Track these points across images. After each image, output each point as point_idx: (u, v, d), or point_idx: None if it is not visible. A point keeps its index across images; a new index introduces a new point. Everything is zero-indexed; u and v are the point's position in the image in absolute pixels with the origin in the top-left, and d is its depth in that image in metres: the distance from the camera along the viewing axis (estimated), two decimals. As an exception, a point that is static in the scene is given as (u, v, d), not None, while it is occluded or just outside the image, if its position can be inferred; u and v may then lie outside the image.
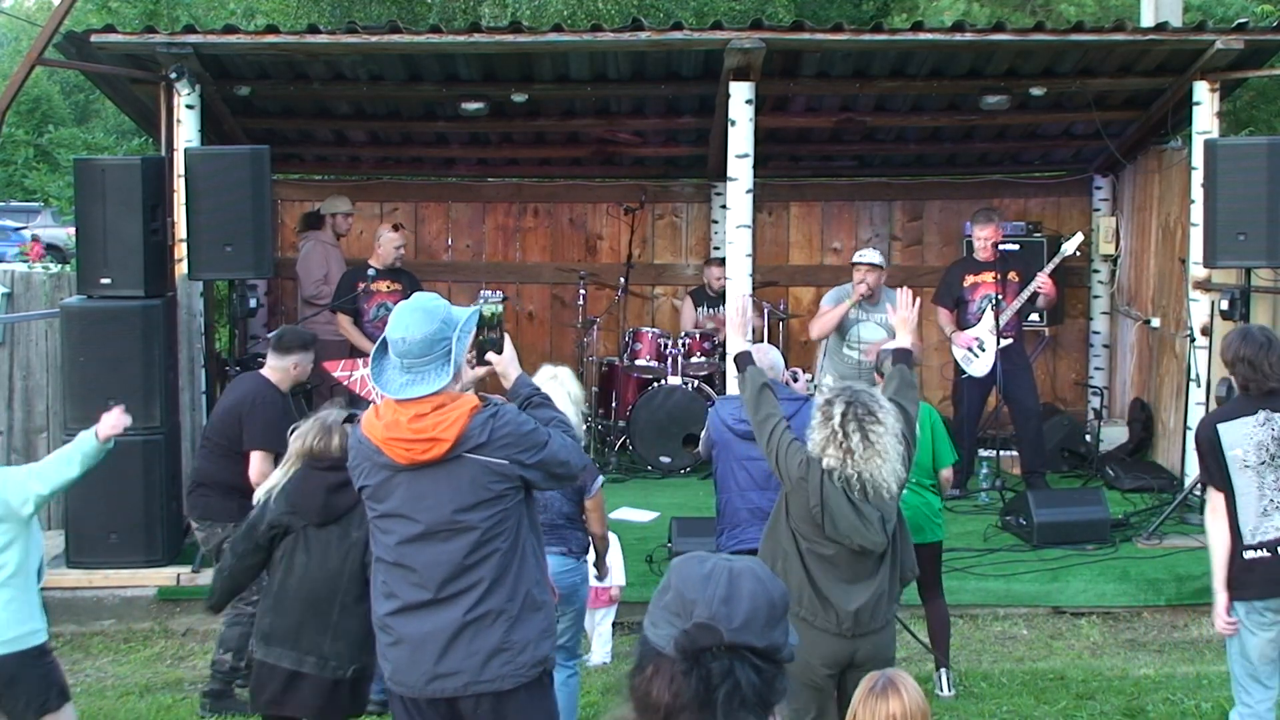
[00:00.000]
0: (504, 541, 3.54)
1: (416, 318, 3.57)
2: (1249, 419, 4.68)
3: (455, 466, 3.51)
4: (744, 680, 1.88)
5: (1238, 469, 4.67)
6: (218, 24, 12.73)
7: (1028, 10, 15.00)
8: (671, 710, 1.88)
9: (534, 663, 3.57)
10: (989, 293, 8.47)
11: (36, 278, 9.17)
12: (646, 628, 1.98)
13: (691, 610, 1.93)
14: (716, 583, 1.95)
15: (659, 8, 14.22)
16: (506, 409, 3.60)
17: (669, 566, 2.06)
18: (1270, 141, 7.47)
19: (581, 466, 3.71)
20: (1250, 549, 4.67)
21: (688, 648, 1.90)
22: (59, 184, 17.03)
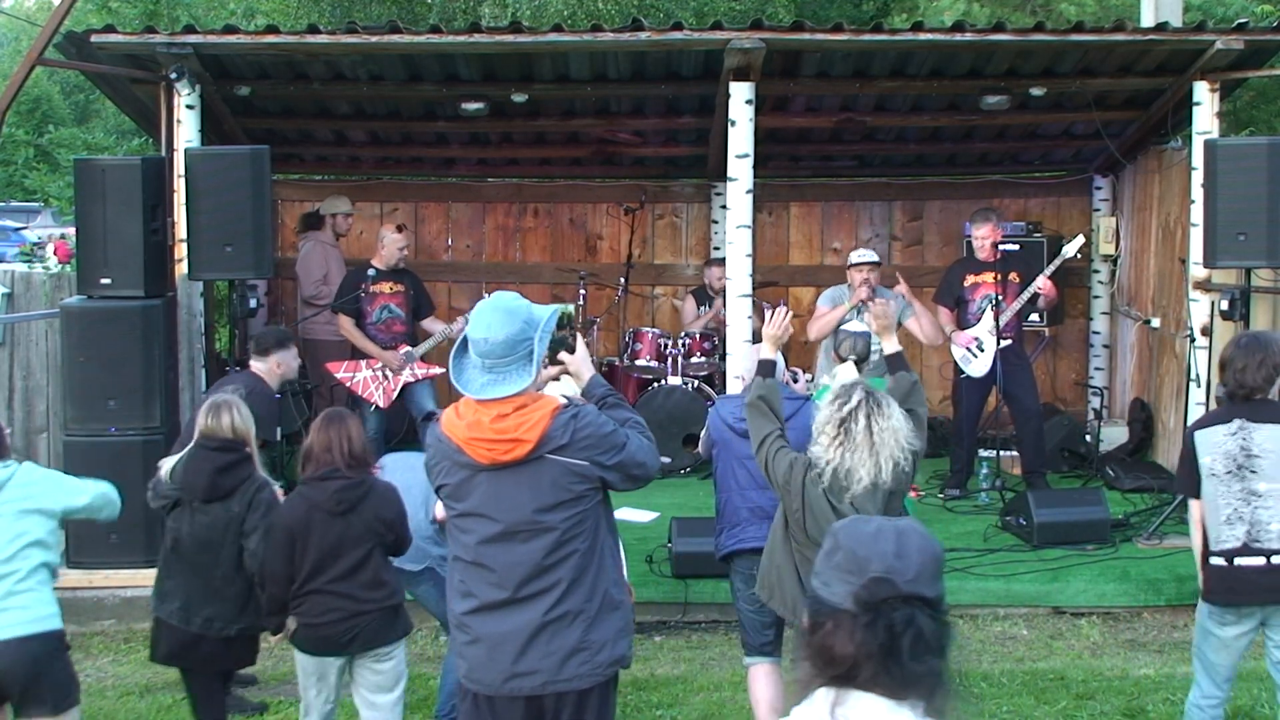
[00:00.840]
0: (583, 542, 3.56)
1: (499, 318, 3.56)
2: (1222, 427, 4.78)
3: (537, 467, 3.52)
4: (925, 627, 1.98)
5: (1206, 476, 4.78)
6: (218, 24, 12.74)
7: (1028, 10, 15.00)
8: (856, 660, 1.97)
9: (610, 662, 3.61)
10: (989, 293, 8.48)
11: (36, 278, 9.17)
12: (817, 588, 2.08)
13: (866, 566, 2.02)
14: (886, 539, 2.06)
15: (659, 8, 14.22)
16: (587, 410, 3.62)
17: (830, 530, 2.15)
18: (1270, 141, 7.47)
19: (657, 468, 3.71)
20: (1214, 555, 4.80)
21: (868, 600, 1.99)
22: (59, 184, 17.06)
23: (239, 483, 4.88)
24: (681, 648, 6.74)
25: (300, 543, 4.70)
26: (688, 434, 9.20)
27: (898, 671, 1.96)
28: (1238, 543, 4.73)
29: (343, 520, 4.70)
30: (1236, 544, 4.73)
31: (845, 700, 1.98)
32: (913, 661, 1.96)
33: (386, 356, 8.62)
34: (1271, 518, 4.71)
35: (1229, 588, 4.78)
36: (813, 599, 2.09)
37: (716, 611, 6.97)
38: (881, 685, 1.97)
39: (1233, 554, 4.73)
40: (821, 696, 2.00)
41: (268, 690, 6.29)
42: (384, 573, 4.82)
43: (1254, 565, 4.71)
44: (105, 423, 6.99)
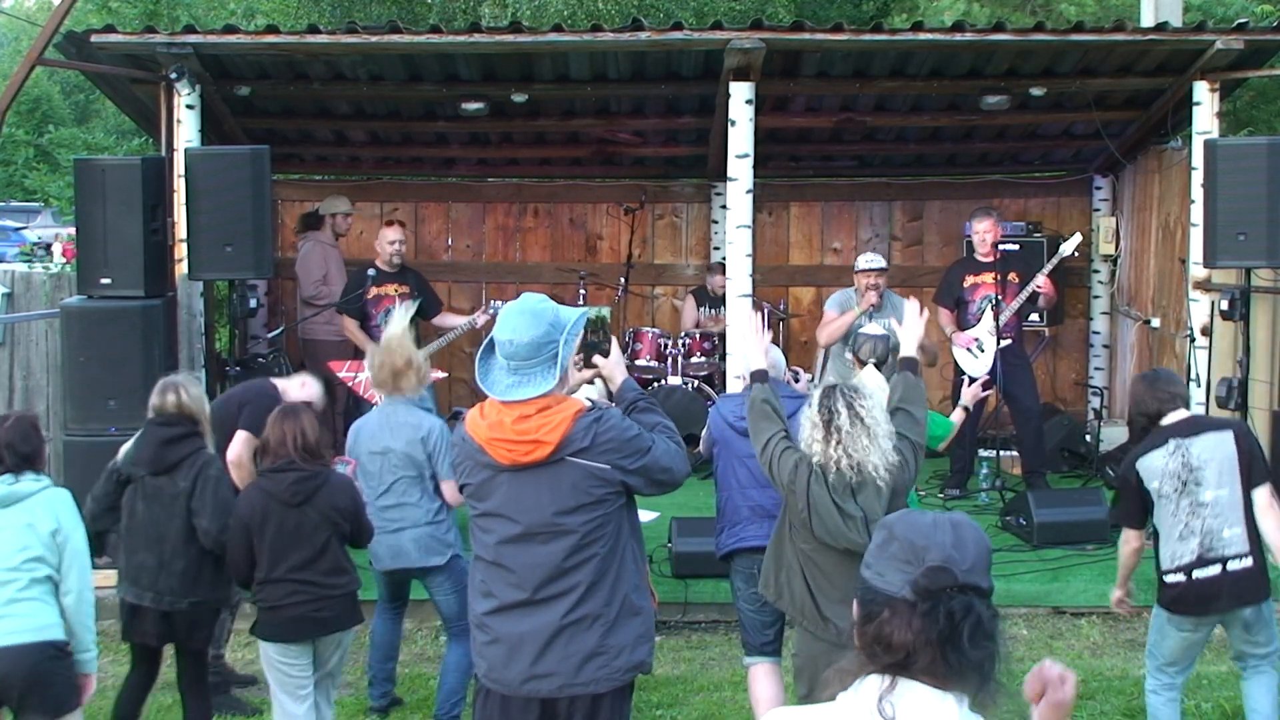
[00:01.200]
0: (603, 546, 3.56)
1: (525, 320, 3.58)
2: (1159, 451, 4.91)
3: (557, 469, 3.53)
4: (983, 614, 2.04)
5: (1158, 499, 4.90)
6: (218, 24, 12.74)
7: (1028, 10, 15.00)
8: (913, 648, 2.00)
9: (629, 667, 3.60)
10: (989, 293, 8.48)
11: (36, 278, 9.18)
12: (870, 578, 2.10)
13: (923, 556, 2.07)
14: (943, 530, 2.11)
15: (659, 8, 14.22)
16: (611, 414, 3.61)
17: (882, 523, 2.19)
18: (1270, 141, 7.47)
19: (686, 473, 3.69)
20: (1170, 573, 4.90)
21: (928, 589, 2.04)
22: (59, 184, 17.06)
23: (184, 456, 5.00)
24: (681, 648, 6.74)
25: (258, 533, 4.86)
26: (688, 434, 9.18)
27: (955, 658, 2.00)
28: (1193, 556, 4.84)
29: (298, 511, 4.85)
30: (1192, 558, 4.84)
31: (895, 689, 2.01)
32: (972, 648, 2.01)
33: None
34: (1221, 524, 4.83)
35: (1189, 602, 4.90)
36: (865, 589, 2.11)
37: (716, 611, 6.97)
38: (934, 673, 2.01)
39: (1189, 568, 4.85)
40: (870, 684, 2.04)
41: (266, 690, 6.27)
42: (342, 561, 4.98)
43: (1210, 575, 4.83)
44: (105, 423, 6.99)
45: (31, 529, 4.41)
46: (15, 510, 4.42)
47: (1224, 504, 4.83)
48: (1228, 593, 4.84)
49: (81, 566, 4.49)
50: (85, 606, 4.52)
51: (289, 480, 4.85)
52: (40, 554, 4.41)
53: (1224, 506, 4.83)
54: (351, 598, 5.02)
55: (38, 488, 4.47)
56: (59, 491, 4.54)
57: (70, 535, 4.46)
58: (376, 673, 5.94)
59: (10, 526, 4.40)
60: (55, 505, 4.47)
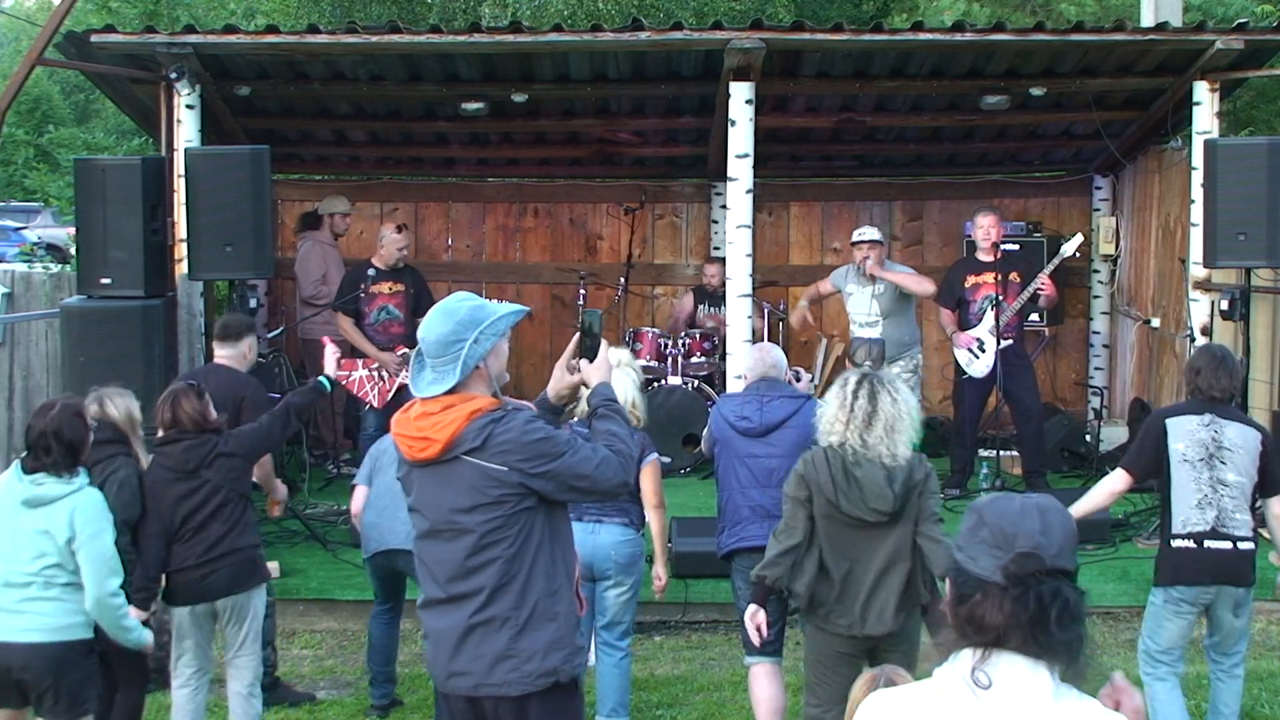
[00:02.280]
0: (506, 548, 3.51)
1: (435, 318, 3.61)
2: (1195, 418, 5.09)
3: (455, 468, 3.52)
4: (1070, 598, 2.14)
5: (1178, 462, 5.05)
6: (218, 24, 12.75)
7: (1028, 10, 15.01)
8: (1004, 630, 2.12)
9: (541, 673, 3.53)
10: (990, 293, 8.48)
11: (36, 278, 9.18)
12: (963, 562, 2.21)
13: (1013, 542, 2.16)
14: (1031, 517, 2.19)
15: (659, 8, 14.22)
16: (517, 416, 3.55)
17: (972, 507, 2.29)
18: (1270, 141, 7.47)
19: (616, 482, 3.61)
20: (1179, 538, 5.04)
21: (1017, 574, 2.13)
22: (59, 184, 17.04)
23: (99, 460, 5.07)
24: (681, 648, 6.74)
25: (160, 504, 5.10)
26: (688, 434, 9.20)
27: (1045, 639, 2.11)
28: (1207, 526, 5.00)
29: (193, 477, 5.10)
30: (1206, 527, 5.00)
31: (989, 659, 2.13)
32: (1060, 630, 2.11)
33: (384, 358, 8.63)
34: (1236, 507, 5.02)
35: (1194, 569, 5.01)
36: (958, 571, 2.22)
37: (716, 611, 6.96)
38: (1026, 650, 2.12)
39: (1202, 537, 4.99)
40: (965, 656, 2.15)
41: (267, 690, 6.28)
42: (240, 524, 5.19)
43: (1222, 549, 5.00)
44: (105, 423, 6.98)
45: (49, 537, 4.42)
46: (38, 514, 4.43)
47: (1242, 490, 5.03)
48: (1233, 568, 5.01)
49: (97, 573, 4.45)
50: (108, 610, 4.50)
51: (179, 449, 5.12)
52: (58, 561, 4.43)
53: (1241, 493, 5.03)
54: (250, 561, 5.22)
55: (64, 491, 4.45)
56: (84, 496, 4.51)
57: (86, 544, 4.44)
58: (376, 674, 5.94)
59: (30, 531, 4.42)
60: (75, 513, 4.45)
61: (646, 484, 5.50)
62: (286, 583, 7.15)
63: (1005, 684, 2.11)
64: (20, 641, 4.39)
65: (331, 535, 7.82)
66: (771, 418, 5.41)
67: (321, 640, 6.93)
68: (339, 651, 6.80)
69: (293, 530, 7.89)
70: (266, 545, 7.60)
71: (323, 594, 7.10)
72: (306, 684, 6.37)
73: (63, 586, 4.44)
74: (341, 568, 7.30)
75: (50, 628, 4.42)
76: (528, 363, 11.04)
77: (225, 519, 5.13)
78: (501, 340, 3.65)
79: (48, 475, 4.46)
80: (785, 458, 5.11)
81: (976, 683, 2.11)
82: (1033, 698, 2.10)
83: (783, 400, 5.46)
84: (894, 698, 2.23)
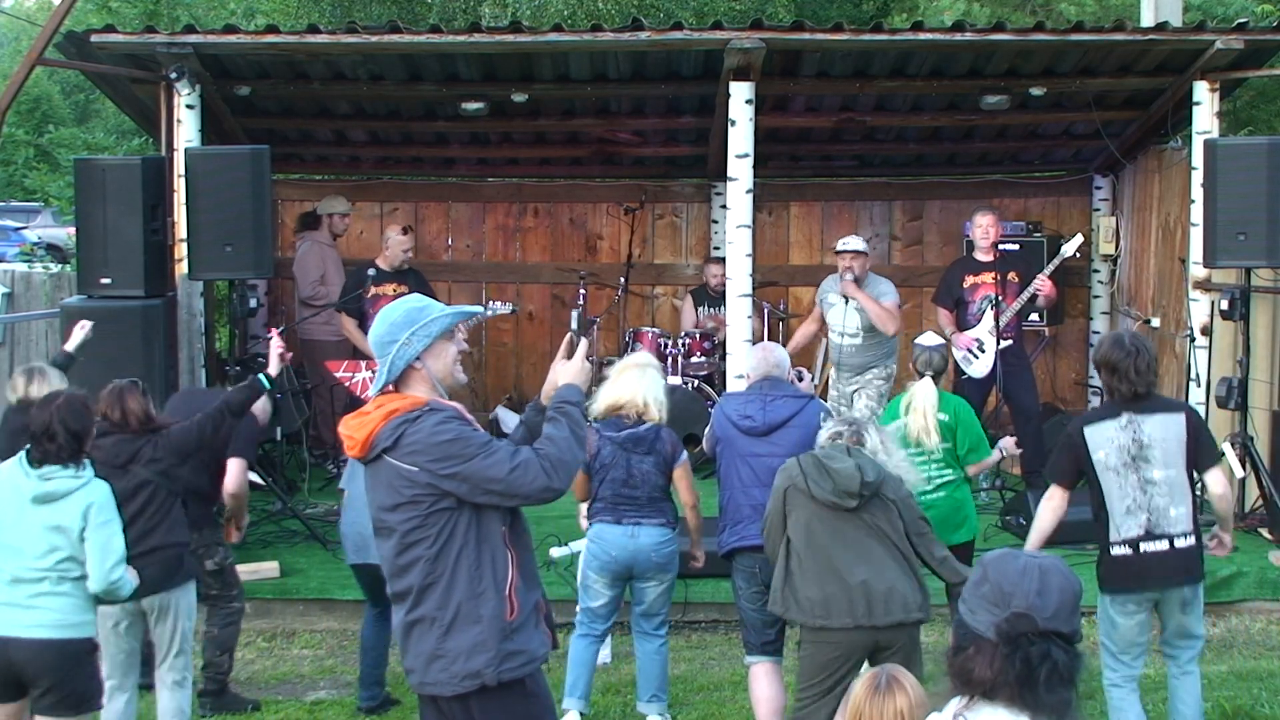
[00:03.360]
0: (428, 548, 3.50)
1: (377, 321, 3.63)
2: (1112, 422, 4.96)
3: (379, 467, 3.55)
4: (1059, 661, 2.18)
5: (1103, 471, 4.96)
6: (218, 24, 12.74)
7: (1028, 10, 15.00)
8: (992, 686, 2.18)
9: (466, 674, 3.51)
10: (989, 294, 8.48)
11: (36, 278, 9.18)
12: (964, 614, 2.27)
13: (1009, 601, 2.22)
14: (1030, 577, 2.24)
15: (659, 8, 14.22)
16: (431, 416, 3.50)
17: (980, 561, 2.33)
18: (1270, 141, 7.47)
19: (541, 488, 3.48)
20: (1116, 545, 4.97)
21: (1008, 633, 2.19)
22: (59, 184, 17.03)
23: None
24: (681, 648, 6.74)
25: None
26: (688, 434, 9.18)
27: (1031, 699, 2.15)
28: (1140, 530, 4.93)
29: (124, 472, 5.13)
30: (1140, 531, 4.93)
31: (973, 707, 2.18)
32: (1047, 692, 2.16)
33: None
34: (1168, 504, 4.93)
35: (1133, 574, 4.95)
36: (959, 624, 2.28)
37: (716, 611, 6.96)
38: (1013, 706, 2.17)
39: (1136, 541, 4.93)
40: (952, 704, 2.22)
41: (266, 690, 6.29)
42: (167, 521, 5.20)
43: (1157, 550, 4.92)
44: (105, 422, 6.98)
45: (62, 533, 4.43)
46: (50, 509, 4.44)
47: (1171, 484, 4.93)
48: (1174, 568, 4.94)
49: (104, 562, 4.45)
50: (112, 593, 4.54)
51: (110, 443, 5.17)
52: (71, 554, 4.45)
53: (1171, 486, 4.93)
54: (176, 559, 5.20)
55: (75, 485, 4.48)
56: (95, 488, 4.53)
57: (95, 532, 4.46)
58: (365, 675, 5.95)
59: (42, 526, 4.43)
60: (89, 504, 4.47)
61: (682, 483, 5.63)
62: (286, 583, 7.15)
63: None
64: (28, 638, 4.39)
65: (331, 535, 7.80)
66: (774, 417, 5.42)
67: (321, 640, 6.94)
68: (339, 651, 6.80)
69: (293, 530, 7.89)
70: (266, 545, 7.65)
71: (323, 594, 7.10)
72: (306, 684, 6.38)
73: (74, 581, 4.46)
74: (341, 567, 7.26)
75: (60, 624, 4.43)
76: (527, 362, 11.05)
77: (152, 515, 5.14)
78: (440, 341, 3.60)
79: (56, 468, 4.47)
80: (788, 457, 5.12)
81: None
82: None
83: (786, 400, 5.47)
84: None
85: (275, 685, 6.35)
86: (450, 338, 3.63)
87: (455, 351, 3.65)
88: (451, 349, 3.64)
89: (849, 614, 4.61)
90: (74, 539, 4.44)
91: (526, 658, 3.58)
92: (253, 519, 7.93)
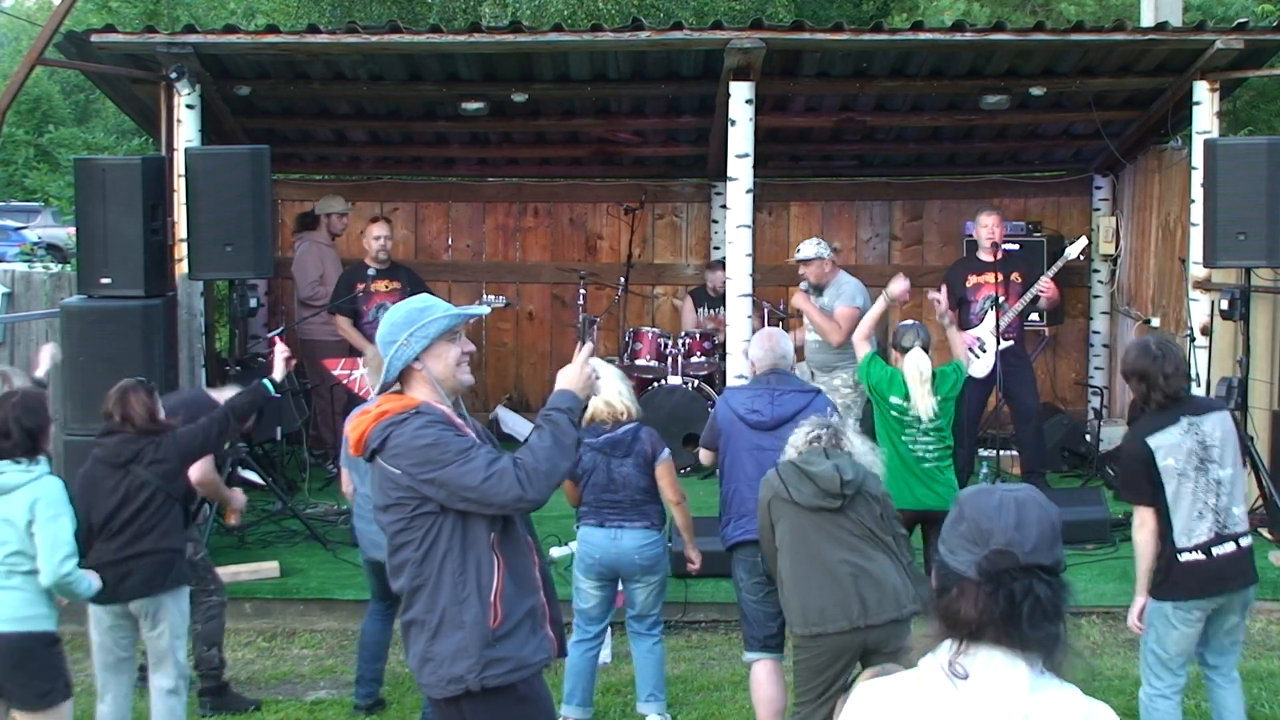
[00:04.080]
0: (414, 550, 3.51)
1: (382, 321, 3.64)
2: (1173, 429, 4.86)
3: (375, 467, 3.57)
4: (1042, 595, 2.16)
5: (1171, 478, 4.84)
6: (218, 24, 12.75)
7: (1028, 10, 15.00)
8: (978, 625, 2.15)
9: (450, 679, 3.50)
10: (991, 294, 8.47)
11: (36, 278, 9.18)
12: (944, 555, 2.24)
13: (988, 538, 2.19)
14: (1007, 512, 2.21)
15: (659, 8, 14.22)
16: (415, 420, 3.48)
17: (957, 499, 2.30)
18: (1270, 141, 7.46)
19: (515, 497, 3.43)
20: (1185, 552, 4.86)
21: (989, 571, 2.16)
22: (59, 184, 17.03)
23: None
24: (681, 648, 6.74)
25: (91, 493, 5.09)
26: (688, 434, 9.19)
27: (1017, 635, 2.14)
28: (1210, 534, 4.84)
29: (124, 471, 5.11)
30: (1210, 535, 4.84)
31: (967, 651, 2.16)
32: (1031, 628, 2.14)
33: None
34: (1232, 502, 4.87)
35: (1208, 579, 4.87)
36: (940, 565, 2.25)
37: (716, 611, 6.96)
38: (1002, 644, 2.16)
39: (1208, 545, 4.84)
40: (945, 647, 2.19)
41: (266, 690, 6.29)
42: (162, 524, 5.15)
43: (1227, 552, 4.86)
44: (105, 422, 6.98)
45: (10, 525, 4.46)
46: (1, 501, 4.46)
47: (1233, 483, 4.88)
48: (1241, 569, 4.88)
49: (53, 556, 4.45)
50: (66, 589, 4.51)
51: (114, 441, 5.14)
52: (19, 548, 4.46)
53: (1232, 485, 4.88)
54: (168, 564, 5.15)
55: (24, 479, 4.49)
56: (44, 483, 4.54)
57: (43, 527, 4.47)
58: (363, 672, 5.95)
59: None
60: (35, 498, 4.48)
61: (664, 481, 5.63)
62: (286, 583, 7.15)
63: (982, 675, 2.14)
64: None
65: (331, 535, 7.82)
66: (783, 411, 5.42)
67: (321, 640, 6.94)
68: (339, 651, 6.79)
69: (293, 530, 7.90)
70: (266, 545, 7.65)
71: (323, 594, 7.10)
72: (306, 684, 6.38)
73: (25, 575, 4.46)
74: (341, 567, 7.30)
75: (12, 618, 4.44)
76: (528, 362, 11.05)
77: (149, 518, 5.11)
78: (440, 342, 3.55)
79: (8, 463, 4.49)
80: None
81: (954, 673, 2.15)
82: (1009, 689, 2.13)
83: (794, 394, 5.48)
84: (879, 687, 2.26)
85: (275, 685, 6.35)
86: (452, 339, 3.59)
87: (458, 353, 3.59)
88: (453, 350, 3.58)
89: (845, 617, 4.61)
90: (21, 532, 4.45)
91: (514, 664, 3.53)
92: (253, 519, 7.95)
